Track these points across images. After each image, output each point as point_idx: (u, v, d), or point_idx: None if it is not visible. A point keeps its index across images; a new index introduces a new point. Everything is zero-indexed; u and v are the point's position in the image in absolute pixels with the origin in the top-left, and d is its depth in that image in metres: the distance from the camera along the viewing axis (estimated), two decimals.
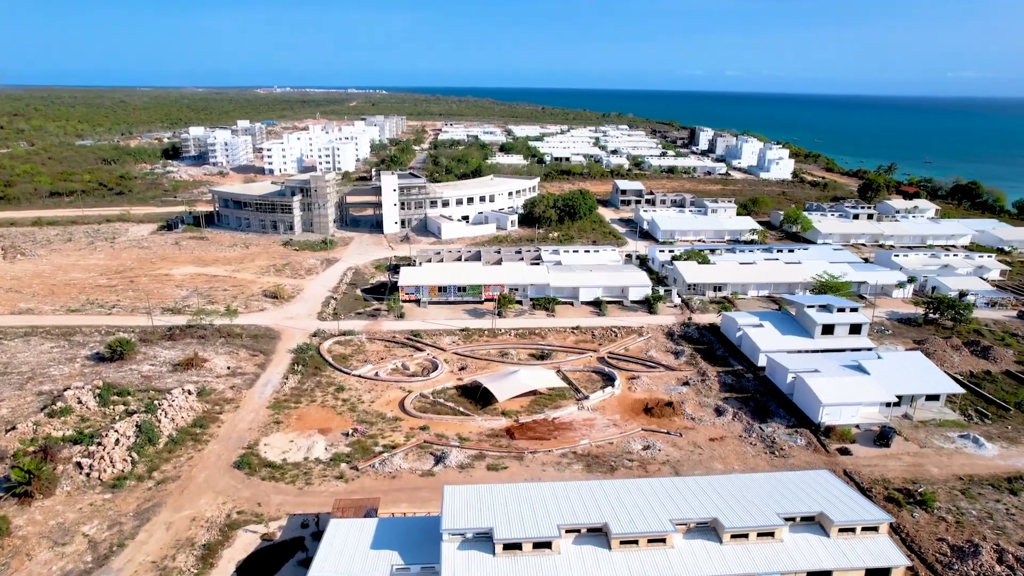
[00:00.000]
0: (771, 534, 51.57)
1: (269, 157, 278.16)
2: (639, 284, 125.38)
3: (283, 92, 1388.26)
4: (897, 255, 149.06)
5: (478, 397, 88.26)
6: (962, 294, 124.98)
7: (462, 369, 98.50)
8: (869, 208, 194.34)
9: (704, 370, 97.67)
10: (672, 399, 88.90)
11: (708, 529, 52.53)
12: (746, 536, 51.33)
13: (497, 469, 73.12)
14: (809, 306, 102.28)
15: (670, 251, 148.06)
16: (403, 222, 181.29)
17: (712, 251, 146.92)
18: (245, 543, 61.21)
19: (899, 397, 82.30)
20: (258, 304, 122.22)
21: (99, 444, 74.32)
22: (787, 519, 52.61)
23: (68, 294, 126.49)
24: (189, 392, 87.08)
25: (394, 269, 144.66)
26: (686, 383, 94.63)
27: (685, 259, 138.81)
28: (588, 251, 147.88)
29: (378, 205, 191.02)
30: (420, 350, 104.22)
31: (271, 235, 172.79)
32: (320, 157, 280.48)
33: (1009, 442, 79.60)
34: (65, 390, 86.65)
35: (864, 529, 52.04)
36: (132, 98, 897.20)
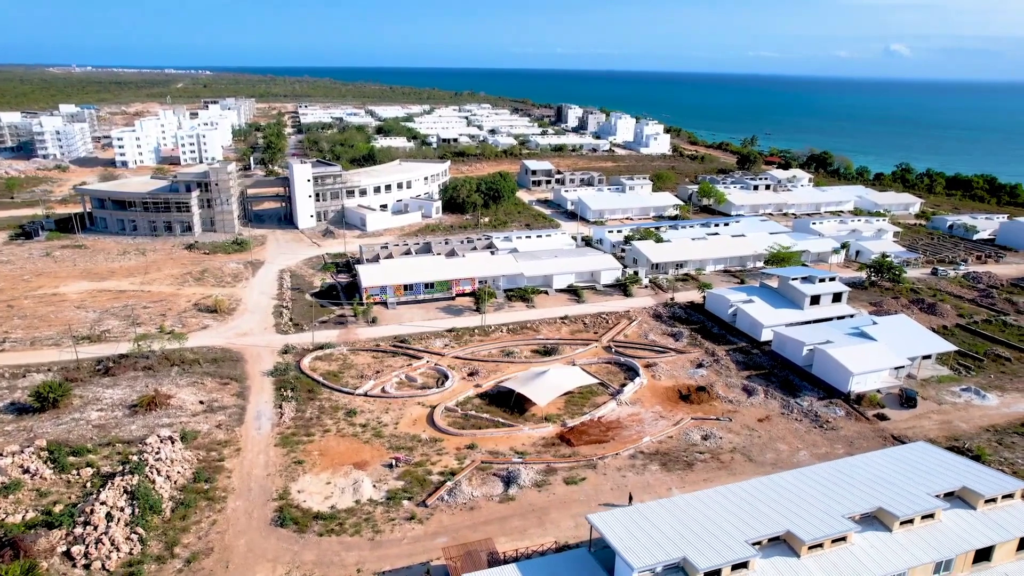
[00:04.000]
0: (931, 516, 51.42)
1: (120, 148, 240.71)
2: (610, 268, 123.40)
3: (86, 72, 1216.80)
4: (815, 223, 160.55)
5: (512, 404, 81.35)
6: (884, 256, 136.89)
7: (472, 375, 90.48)
8: (766, 179, 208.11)
9: (713, 350, 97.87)
10: (702, 383, 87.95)
11: (871, 519, 51.27)
12: (911, 522, 50.72)
13: (576, 482, 67.46)
14: (793, 278, 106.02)
15: (618, 231, 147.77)
16: (319, 215, 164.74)
17: (657, 228, 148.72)
18: None
19: (911, 359, 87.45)
20: (196, 321, 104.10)
21: (87, 524, 58.47)
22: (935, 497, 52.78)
23: None
24: (171, 439, 71.47)
25: (339, 267, 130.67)
26: (700, 365, 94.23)
27: (639, 239, 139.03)
28: (540, 236, 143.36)
29: (283, 198, 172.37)
30: (416, 358, 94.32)
31: (166, 238, 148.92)
32: (184, 146, 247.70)
33: (1001, 390, 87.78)
34: None
35: (1003, 497, 53.53)
36: None
